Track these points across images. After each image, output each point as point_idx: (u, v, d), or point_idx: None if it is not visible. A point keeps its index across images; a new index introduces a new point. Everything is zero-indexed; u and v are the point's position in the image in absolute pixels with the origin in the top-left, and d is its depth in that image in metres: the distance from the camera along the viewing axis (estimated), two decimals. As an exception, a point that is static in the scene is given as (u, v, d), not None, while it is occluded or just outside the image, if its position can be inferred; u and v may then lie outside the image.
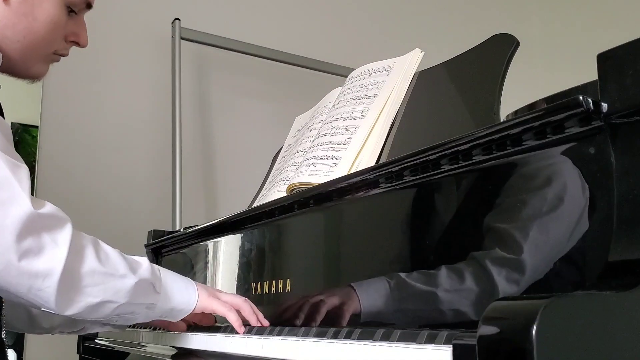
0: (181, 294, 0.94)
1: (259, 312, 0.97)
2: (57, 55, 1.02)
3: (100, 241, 0.88)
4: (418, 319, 0.75)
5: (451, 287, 0.71)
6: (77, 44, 1.03)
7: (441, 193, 0.77)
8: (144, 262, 0.91)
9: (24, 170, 0.81)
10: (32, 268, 0.77)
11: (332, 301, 0.87)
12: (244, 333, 0.91)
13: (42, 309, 0.83)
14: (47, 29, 0.96)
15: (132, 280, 0.87)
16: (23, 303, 0.84)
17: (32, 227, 0.78)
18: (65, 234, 0.81)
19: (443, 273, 0.72)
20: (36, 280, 0.78)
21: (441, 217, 0.77)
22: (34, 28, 0.95)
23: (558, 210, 0.63)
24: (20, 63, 0.97)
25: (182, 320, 0.99)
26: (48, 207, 0.81)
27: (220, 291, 1.01)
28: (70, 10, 0.99)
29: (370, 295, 0.81)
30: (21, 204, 0.77)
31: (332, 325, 0.82)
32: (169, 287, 0.93)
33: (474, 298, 0.68)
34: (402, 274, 0.77)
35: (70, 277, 0.81)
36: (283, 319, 0.95)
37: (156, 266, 0.94)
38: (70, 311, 0.83)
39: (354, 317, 0.83)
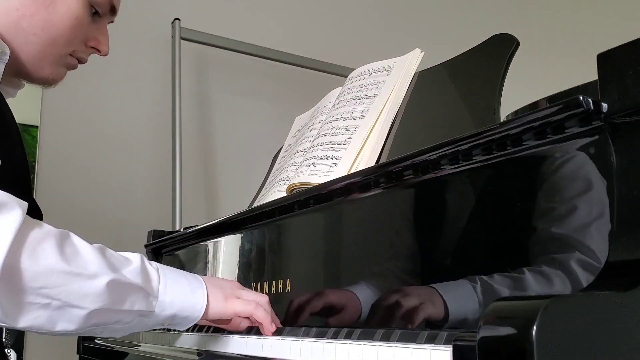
0: (184, 297, 0.80)
1: (274, 315, 0.88)
2: (75, 58, 0.95)
3: (72, 234, 0.74)
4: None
5: (448, 285, 0.71)
6: (97, 50, 0.96)
7: (441, 193, 0.77)
8: (135, 259, 0.78)
9: None
10: None
11: (413, 302, 0.75)
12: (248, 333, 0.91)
13: None
14: (68, 24, 0.88)
15: (105, 280, 0.72)
16: None
17: None
18: (6, 223, 0.66)
19: (442, 271, 0.72)
20: None
21: (440, 217, 0.77)
22: (54, 20, 0.86)
23: (558, 209, 0.63)
24: (35, 62, 0.88)
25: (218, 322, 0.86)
26: None
27: (241, 288, 0.88)
28: (94, 12, 0.93)
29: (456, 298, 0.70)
30: None
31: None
32: (168, 291, 0.79)
33: (467, 296, 0.68)
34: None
35: (16, 275, 0.66)
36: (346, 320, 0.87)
37: (154, 264, 0.81)
38: (24, 321, 0.69)
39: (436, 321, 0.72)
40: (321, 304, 0.89)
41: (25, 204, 0.71)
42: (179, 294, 0.80)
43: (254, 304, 0.84)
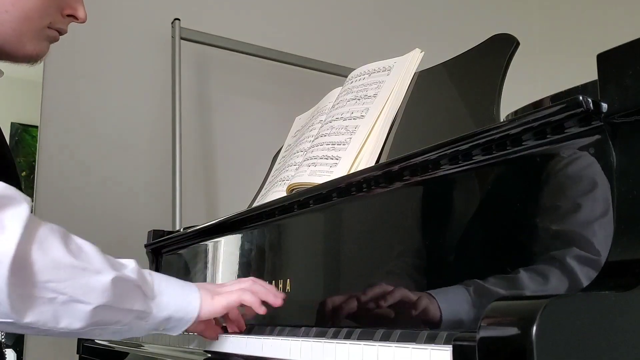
0: (179, 299, 0.81)
1: (271, 286, 0.89)
2: (55, 30, 0.92)
3: (71, 234, 0.75)
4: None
5: (449, 288, 0.71)
6: (75, 18, 0.94)
7: (441, 193, 0.77)
8: (129, 263, 0.79)
9: None
10: None
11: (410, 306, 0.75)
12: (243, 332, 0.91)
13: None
14: None
15: (110, 276, 0.73)
16: None
17: None
18: (16, 216, 0.67)
19: (442, 271, 0.72)
20: None
21: (441, 217, 0.77)
22: None
23: (557, 210, 0.63)
24: (14, 40, 0.87)
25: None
26: None
27: (221, 285, 0.89)
28: None
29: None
30: None
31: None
32: (164, 292, 0.80)
33: (460, 299, 0.68)
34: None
35: (26, 268, 0.67)
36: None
37: (146, 270, 0.82)
38: (30, 316, 0.68)
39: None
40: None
41: (29, 199, 0.71)
42: (174, 295, 0.81)
43: (237, 292, 0.84)
